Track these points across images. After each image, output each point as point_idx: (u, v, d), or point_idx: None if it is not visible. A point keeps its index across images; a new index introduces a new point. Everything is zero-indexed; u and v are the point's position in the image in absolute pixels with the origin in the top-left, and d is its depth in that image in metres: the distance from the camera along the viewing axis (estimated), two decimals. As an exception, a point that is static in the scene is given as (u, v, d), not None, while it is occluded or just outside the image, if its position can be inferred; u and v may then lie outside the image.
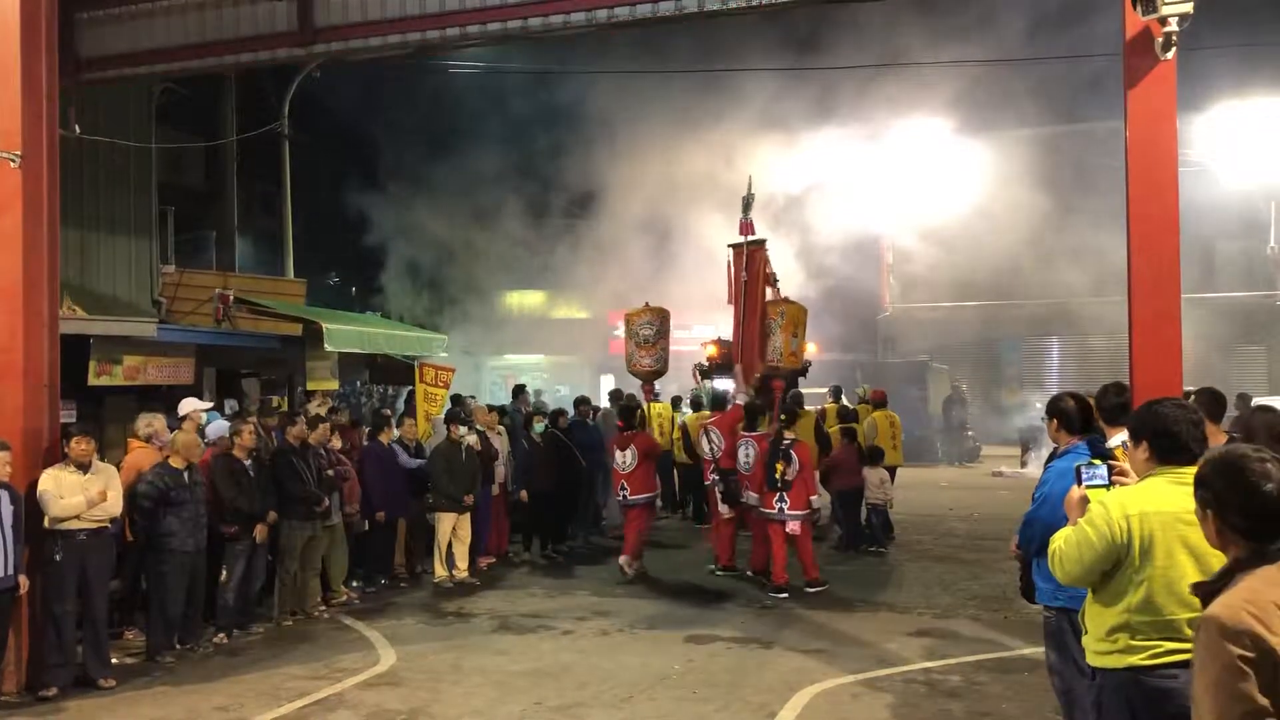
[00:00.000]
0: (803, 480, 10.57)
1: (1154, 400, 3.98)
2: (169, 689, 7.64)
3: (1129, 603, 3.70)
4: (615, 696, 7.26)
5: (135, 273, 14.08)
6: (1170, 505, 3.66)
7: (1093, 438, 5.22)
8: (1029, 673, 7.39)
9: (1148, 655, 3.66)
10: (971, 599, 10.19)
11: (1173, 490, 3.69)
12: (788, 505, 10.54)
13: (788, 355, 11.57)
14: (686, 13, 8.39)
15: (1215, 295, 26.63)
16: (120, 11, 9.84)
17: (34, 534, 7.52)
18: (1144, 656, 3.66)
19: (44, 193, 8.06)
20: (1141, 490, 3.80)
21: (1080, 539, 3.80)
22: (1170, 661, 3.61)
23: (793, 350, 11.64)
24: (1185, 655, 3.57)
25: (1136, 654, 3.68)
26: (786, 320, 11.62)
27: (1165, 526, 3.65)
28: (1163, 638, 3.64)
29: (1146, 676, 3.65)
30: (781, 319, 11.64)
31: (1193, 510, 3.59)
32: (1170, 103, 7.39)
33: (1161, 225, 7.39)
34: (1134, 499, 3.75)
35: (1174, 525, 3.64)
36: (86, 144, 11.71)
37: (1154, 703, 3.65)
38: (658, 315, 12.58)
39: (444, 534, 11.10)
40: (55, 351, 8.12)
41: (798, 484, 10.53)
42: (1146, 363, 7.29)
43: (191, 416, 9.43)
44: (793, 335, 11.63)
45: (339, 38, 9.37)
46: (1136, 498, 3.75)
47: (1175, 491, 3.68)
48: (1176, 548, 3.63)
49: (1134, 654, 3.68)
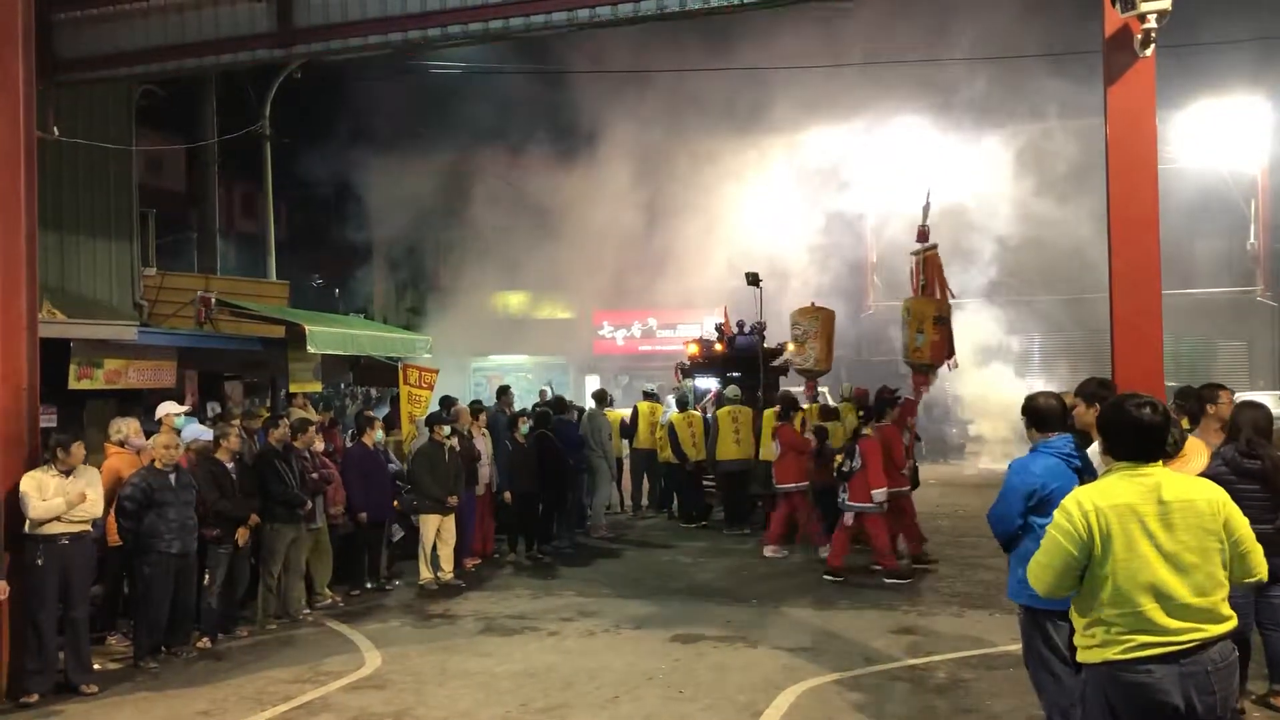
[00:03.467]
0: (863, 475, 10.96)
1: (1119, 398, 4.03)
2: (152, 694, 7.60)
3: (1101, 598, 3.74)
4: (601, 697, 7.25)
5: (116, 275, 13.97)
6: (1124, 498, 3.73)
7: (1064, 436, 5.28)
8: (1013, 668, 7.40)
9: (1122, 649, 3.69)
10: (956, 596, 10.22)
11: (1126, 484, 3.76)
12: (847, 496, 11.08)
13: (912, 352, 12.51)
14: (668, 12, 8.37)
15: (1196, 291, 26.81)
16: (98, 12, 9.74)
17: (14, 539, 7.47)
18: (1118, 650, 3.70)
19: (21, 195, 8.00)
20: (1096, 486, 3.89)
21: (1049, 546, 3.84)
22: (1144, 656, 3.65)
23: (917, 346, 12.47)
24: (1159, 649, 3.61)
25: (1111, 648, 3.71)
26: (912, 318, 12.53)
27: (1121, 518, 3.70)
28: (1135, 630, 3.67)
29: (1121, 671, 3.69)
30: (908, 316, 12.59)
31: (1147, 501, 3.67)
32: (1150, 99, 7.42)
33: (1142, 221, 7.43)
34: (1088, 495, 3.81)
35: (1129, 516, 3.70)
36: (66, 146, 11.61)
37: (1130, 697, 3.68)
38: (813, 315, 13.77)
39: (428, 535, 11.07)
40: (35, 355, 8.05)
41: (859, 478, 10.97)
42: (1128, 359, 7.32)
43: (165, 420, 9.38)
44: (918, 332, 12.47)
45: (319, 38, 9.30)
46: (1091, 494, 3.82)
47: (1128, 484, 3.76)
48: (1137, 538, 3.68)
49: (1109, 648, 3.72)
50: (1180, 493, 3.72)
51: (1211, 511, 3.70)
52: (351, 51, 9.52)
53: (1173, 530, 3.66)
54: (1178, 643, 3.62)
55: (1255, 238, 28.19)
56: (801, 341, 13.88)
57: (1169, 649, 3.62)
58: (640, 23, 8.56)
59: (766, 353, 15.42)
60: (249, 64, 9.96)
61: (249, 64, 9.96)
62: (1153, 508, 3.69)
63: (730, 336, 16.00)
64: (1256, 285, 28.35)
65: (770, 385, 15.33)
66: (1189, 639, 3.62)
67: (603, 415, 14.93)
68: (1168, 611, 3.63)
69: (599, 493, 14.59)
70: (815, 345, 13.90)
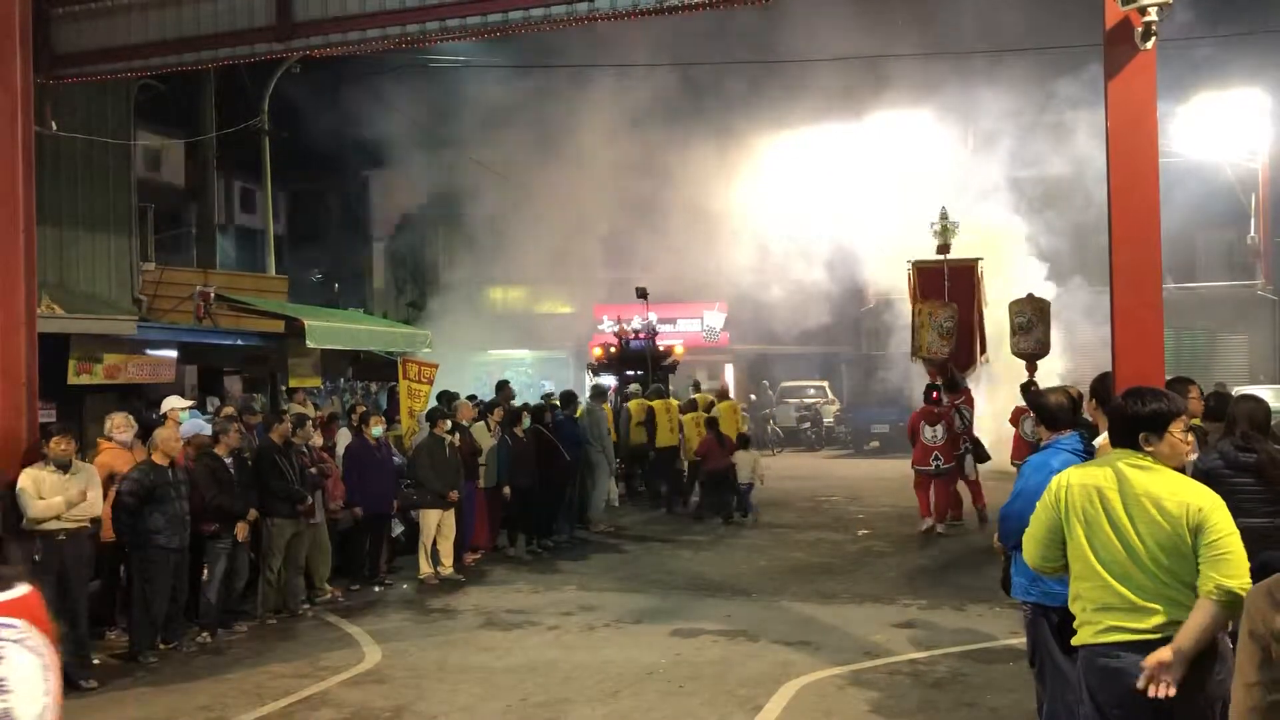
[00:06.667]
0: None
1: (1125, 391, 4.11)
2: (151, 689, 7.59)
3: (1076, 571, 3.85)
4: (601, 691, 7.25)
5: (115, 270, 13.96)
6: (1096, 479, 3.82)
7: (1077, 433, 5.26)
8: (1014, 663, 7.40)
9: (1094, 631, 3.76)
10: (958, 590, 10.21)
11: (1101, 466, 3.88)
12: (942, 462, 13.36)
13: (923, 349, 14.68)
14: (668, 6, 8.34)
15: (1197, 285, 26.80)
16: (96, 7, 9.72)
17: (12, 535, 7.46)
18: (1092, 632, 3.77)
19: (18, 190, 7.99)
20: (1081, 466, 4.03)
21: (1034, 515, 4.02)
22: (1114, 641, 3.70)
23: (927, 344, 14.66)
24: (1130, 636, 3.63)
25: (1091, 628, 3.78)
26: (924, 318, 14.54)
27: (1084, 495, 3.81)
28: (1102, 608, 3.73)
29: (1098, 656, 3.75)
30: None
31: (1115, 483, 3.71)
32: (1150, 92, 7.39)
33: (1143, 215, 7.40)
34: (1070, 473, 3.97)
35: (1091, 494, 3.80)
36: (64, 141, 11.61)
37: (1105, 681, 3.73)
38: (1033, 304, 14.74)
39: (428, 530, 11.06)
40: (34, 350, 8.05)
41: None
42: (1128, 352, 7.30)
43: (170, 414, 9.38)
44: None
45: (317, 32, 9.27)
46: (1070, 472, 3.97)
47: (1102, 467, 3.87)
48: (1097, 515, 3.76)
49: (1090, 628, 3.79)
50: (1151, 487, 3.72)
51: (1179, 513, 3.65)
52: (351, 45, 9.51)
53: (1133, 516, 3.71)
54: (1143, 630, 3.64)
55: (1256, 231, 28.16)
56: (1027, 329, 14.57)
57: (1137, 637, 3.64)
58: (640, 18, 8.53)
59: (656, 354, 18.41)
60: (248, 58, 9.95)
61: (248, 58, 9.95)
62: (1115, 493, 3.75)
63: (626, 340, 18.85)
64: (1257, 279, 28.34)
65: (659, 380, 18.00)
66: (1154, 625, 3.64)
67: (601, 410, 14.94)
68: (1129, 590, 3.67)
69: (598, 488, 14.60)
70: (1039, 329, 14.63)
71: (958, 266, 14.92)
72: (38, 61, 8.65)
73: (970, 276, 15.01)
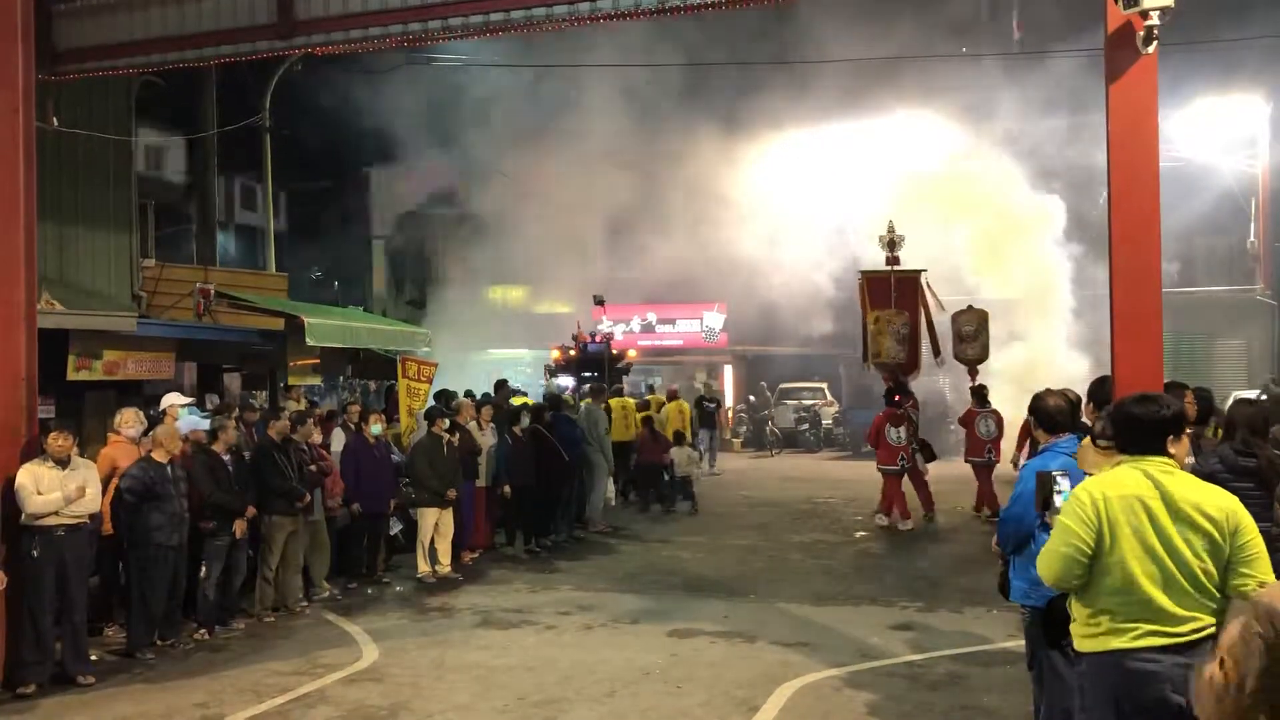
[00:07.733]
0: None
1: (1127, 397, 4.10)
2: (148, 686, 7.59)
3: (1108, 585, 3.77)
4: (598, 691, 7.25)
5: (115, 267, 13.94)
6: (1130, 489, 3.77)
7: (1075, 436, 5.25)
8: (1011, 666, 7.41)
9: (1130, 637, 3.72)
10: (955, 593, 10.21)
11: (1131, 474, 3.81)
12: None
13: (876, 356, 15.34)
14: (670, 6, 8.34)
15: (1196, 289, 26.76)
16: (98, 4, 9.71)
17: (11, 530, 7.46)
18: (1127, 639, 3.73)
19: (18, 186, 7.97)
20: (1105, 477, 3.94)
21: (1061, 533, 3.87)
22: (1151, 645, 3.68)
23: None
24: (1166, 640, 3.63)
25: (1119, 636, 3.74)
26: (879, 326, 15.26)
27: (1126, 508, 3.75)
28: (1141, 619, 3.70)
29: (1128, 659, 3.72)
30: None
31: (1154, 492, 3.69)
32: (1152, 97, 7.38)
33: (1143, 219, 7.40)
34: (1098, 485, 3.87)
35: (1133, 505, 3.75)
36: (65, 137, 11.60)
37: (1136, 685, 3.71)
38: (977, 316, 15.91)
39: (426, 529, 11.06)
40: (33, 346, 8.03)
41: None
42: (1128, 356, 7.30)
43: (169, 411, 9.37)
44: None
45: (319, 30, 9.26)
46: (1099, 484, 3.88)
47: (1133, 475, 3.81)
48: (1143, 525, 3.72)
49: (1117, 636, 3.75)
50: (1189, 494, 3.74)
51: (1221, 517, 3.71)
52: (352, 44, 9.50)
53: (1179, 523, 3.69)
54: (1180, 634, 3.65)
55: (1255, 236, 28.14)
56: (973, 337, 15.68)
57: (1173, 640, 3.65)
58: (642, 17, 8.53)
59: (611, 357, 19.37)
60: (249, 56, 9.93)
61: (249, 56, 9.93)
62: (1159, 502, 3.72)
63: (585, 344, 19.76)
64: (1256, 284, 28.31)
65: (613, 381, 18.52)
66: (1191, 630, 3.65)
67: (599, 410, 14.94)
68: (1171, 600, 3.66)
69: (597, 488, 14.61)
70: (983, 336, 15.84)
71: (904, 277, 15.59)
72: (39, 58, 8.64)
73: (915, 286, 15.58)
